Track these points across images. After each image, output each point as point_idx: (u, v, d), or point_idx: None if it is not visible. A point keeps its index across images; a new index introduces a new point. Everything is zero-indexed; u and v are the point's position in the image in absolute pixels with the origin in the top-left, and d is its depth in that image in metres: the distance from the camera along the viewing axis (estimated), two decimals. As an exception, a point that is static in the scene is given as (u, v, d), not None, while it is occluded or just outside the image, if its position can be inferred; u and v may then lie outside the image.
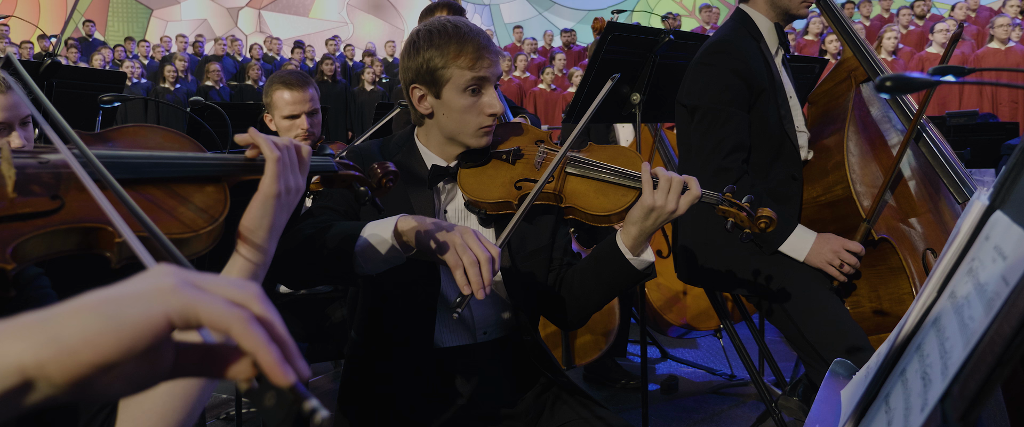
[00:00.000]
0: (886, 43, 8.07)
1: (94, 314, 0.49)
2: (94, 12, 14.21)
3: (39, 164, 0.89)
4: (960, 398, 0.54)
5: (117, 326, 0.48)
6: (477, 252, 1.26)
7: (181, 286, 0.51)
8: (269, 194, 1.00)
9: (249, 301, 0.53)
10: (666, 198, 1.44)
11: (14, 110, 1.69)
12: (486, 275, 1.25)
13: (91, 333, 0.48)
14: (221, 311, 0.51)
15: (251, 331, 0.51)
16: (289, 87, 2.63)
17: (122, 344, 0.48)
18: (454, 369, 1.60)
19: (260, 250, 1.00)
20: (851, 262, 2.01)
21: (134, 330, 0.49)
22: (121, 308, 0.49)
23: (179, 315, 0.50)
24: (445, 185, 1.61)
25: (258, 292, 0.54)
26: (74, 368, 0.47)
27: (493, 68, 1.52)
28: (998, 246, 0.63)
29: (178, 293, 0.51)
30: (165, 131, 1.06)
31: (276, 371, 0.50)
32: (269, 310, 0.54)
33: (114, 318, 0.48)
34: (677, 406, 3.34)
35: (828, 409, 0.93)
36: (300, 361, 0.53)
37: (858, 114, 2.20)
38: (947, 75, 1.05)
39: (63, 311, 0.49)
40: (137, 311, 0.49)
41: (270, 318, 0.53)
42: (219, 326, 0.51)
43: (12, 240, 0.81)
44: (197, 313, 0.51)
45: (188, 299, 0.51)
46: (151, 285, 0.51)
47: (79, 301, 0.50)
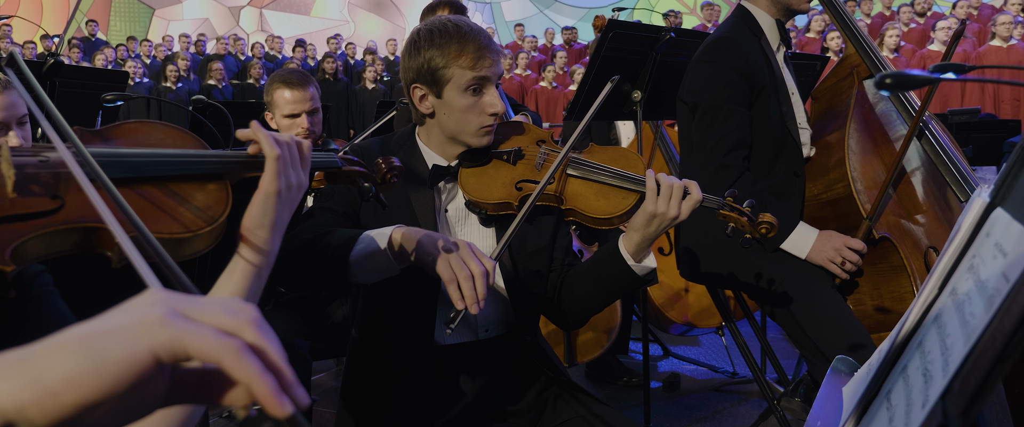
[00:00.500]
0: (888, 41, 8.06)
1: (76, 353, 0.46)
2: (96, 12, 14.22)
3: (39, 163, 0.88)
4: (961, 394, 0.54)
5: (99, 365, 0.46)
6: (471, 266, 1.25)
7: (168, 317, 0.49)
8: (270, 192, 0.99)
9: (242, 328, 0.51)
10: (668, 204, 1.44)
11: (12, 109, 1.69)
12: (480, 290, 1.25)
13: (73, 373, 0.46)
14: (211, 343, 0.48)
15: (244, 362, 0.49)
16: (289, 86, 2.63)
17: (105, 383, 0.46)
18: (455, 367, 1.61)
19: (262, 249, 0.98)
20: (853, 259, 2.01)
21: (118, 368, 0.46)
22: (104, 345, 0.47)
23: (166, 350, 0.48)
24: (446, 185, 1.61)
25: (252, 316, 0.52)
26: (56, 410, 0.45)
27: (494, 68, 1.52)
28: (999, 243, 0.63)
29: (165, 326, 0.48)
30: (167, 127, 1.05)
31: (272, 403, 0.49)
32: (264, 336, 0.51)
33: (96, 357, 0.46)
34: (679, 404, 3.34)
35: (830, 406, 0.94)
36: (298, 389, 0.51)
37: (860, 111, 2.20)
38: (948, 73, 1.05)
39: (43, 349, 0.47)
40: (121, 348, 0.47)
41: (264, 345, 0.51)
42: (209, 359, 0.49)
43: (12, 241, 0.80)
44: (185, 346, 0.48)
45: (175, 332, 0.48)
46: (137, 318, 0.49)
47: (60, 338, 0.48)
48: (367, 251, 1.33)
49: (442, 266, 1.27)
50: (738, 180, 2.05)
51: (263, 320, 0.52)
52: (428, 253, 1.29)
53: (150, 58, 11.67)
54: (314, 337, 2.61)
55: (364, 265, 1.34)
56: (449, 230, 1.60)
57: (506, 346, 1.64)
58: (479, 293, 1.25)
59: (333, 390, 3.60)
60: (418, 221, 1.55)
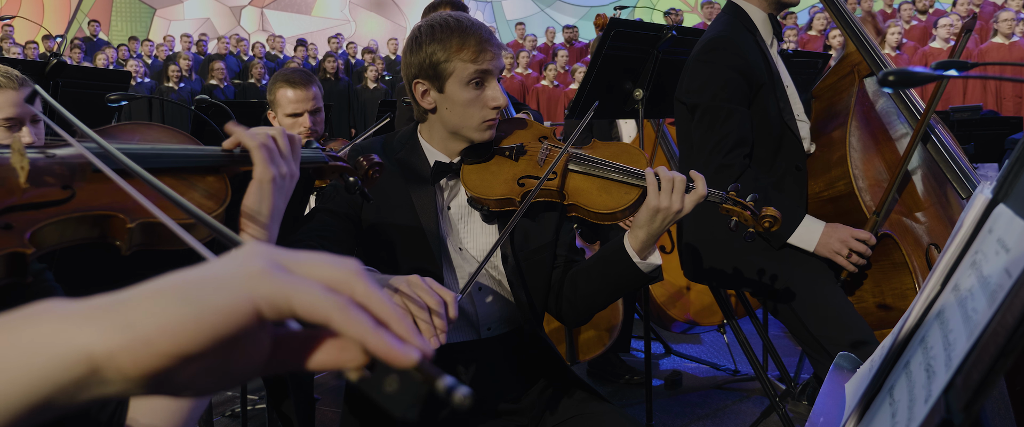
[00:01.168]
0: (889, 38, 8.05)
1: (174, 299, 0.43)
2: (98, 12, 14.24)
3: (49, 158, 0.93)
4: (963, 389, 0.54)
5: (198, 313, 0.43)
6: (426, 299, 1.19)
7: (272, 270, 0.45)
8: (264, 179, 1.04)
9: (349, 282, 0.47)
10: (671, 198, 1.44)
11: (24, 107, 1.72)
12: (437, 323, 1.19)
13: (169, 320, 0.42)
14: (317, 299, 0.45)
15: (354, 319, 0.45)
16: (292, 85, 2.64)
17: (203, 334, 0.43)
18: (459, 365, 1.61)
19: (263, 235, 1.04)
20: (860, 250, 2.00)
21: (217, 318, 0.43)
22: (204, 293, 0.44)
23: (269, 304, 0.45)
24: (448, 182, 1.61)
25: (358, 268, 0.48)
26: (148, 359, 0.42)
27: (495, 61, 1.52)
28: (1001, 239, 0.63)
29: (268, 278, 0.45)
30: (163, 128, 1.11)
31: (394, 354, 0.45)
32: (371, 288, 0.47)
33: (196, 304, 0.43)
34: (681, 401, 3.35)
35: (832, 402, 0.94)
36: (418, 336, 0.47)
37: (861, 109, 2.20)
38: (950, 70, 1.05)
39: (139, 294, 0.44)
40: (222, 297, 0.43)
41: (372, 297, 0.47)
42: (316, 317, 0.45)
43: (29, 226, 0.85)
44: (289, 302, 0.45)
45: (279, 286, 0.45)
46: (238, 269, 0.45)
47: (158, 283, 0.44)
48: None
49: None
50: (739, 178, 2.05)
51: (367, 272, 0.49)
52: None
53: (151, 58, 11.68)
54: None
55: None
56: (451, 227, 1.61)
57: (509, 344, 1.65)
58: (437, 326, 1.19)
59: (336, 389, 3.60)
60: (420, 219, 1.55)
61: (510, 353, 1.65)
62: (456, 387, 0.43)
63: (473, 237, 1.62)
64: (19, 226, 0.85)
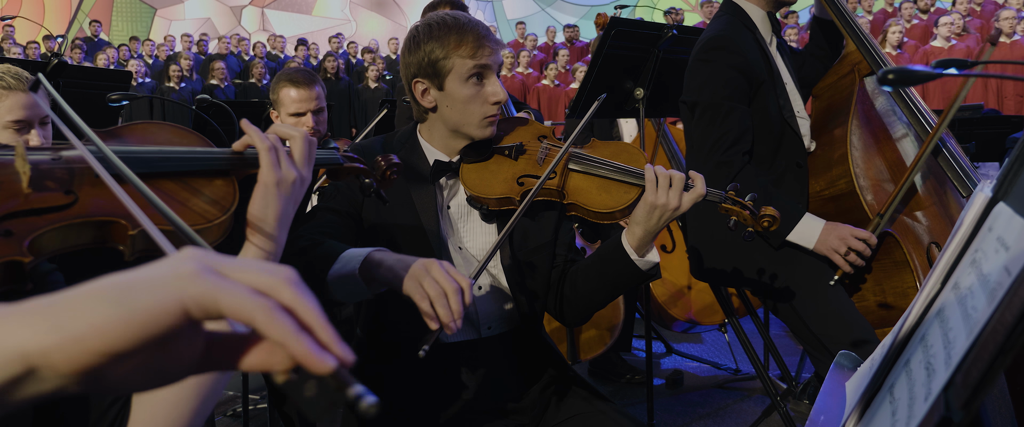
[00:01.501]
0: (890, 37, 8.05)
1: (103, 300, 0.45)
2: (98, 12, 14.25)
3: (53, 160, 0.92)
4: (963, 387, 0.54)
5: (127, 313, 0.45)
6: (443, 284, 1.19)
7: (202, 272, 0.47)
8: (268, 182, 1.01)
9: (277, 287, 0.49)
10: (668, 195, 1.44)
11: (35, 109, 1.72)
12: (454, 308, 1.19)
13: (99, 320, 0.44)
14: (243, 300, 0.47)
15: (276, 321, 0.47)
16: (296, 85, 2.64)
17: (131, 333, 0.44)
18: (459, 364, 1.61)
19: (269, 239, 1.01)
20: (858, 249, 1.99)
21: (145, 318, 0.45)
22: (133, 294, 0.45)
23: (196, 304, 0.46)
24: (448, 181, 1.61)
25: (289, 276, 0.50)
26: (80, 357, 0.44)
27: (494, 56, 1.52)
28: (1001, 237, 0.64)
29: (198, 280, 0.47)
30: (173, 127, 1.08)
31: (311, 360, 0.46)
32: (300, 294, 0.49)
33: (124, 304, 0.45)
34: (682, 400, 3.35)
35: (833, 401, 0.94)
36: (340, 345, 0.48)
37: (862, 108, 2.21)
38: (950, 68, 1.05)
39: (71, 296, 0.46)
40: (150, 298, 0.45)
41: (299, 303, 0.49)
42: (241, 317, 0.47)
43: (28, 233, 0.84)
44: (216, 302, 0.46)
45: (207, 287, 0.46)
46: (169, 271, 0.47)
47: (90, 286, 0.46)
48: (341, 273, 1.31)
49: (411, 286, 1.21)
50: (738, 175, 2.05)
51: (300, 280, 0.50)
52: (396, 275, 1.24)
53: (152, 58, 11.69)
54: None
55: (338, 286, 1.32)
56: (451, 226, 1.61)
57: (509, 343, 1.65)
58: (454, 311, 1.18)
59: (337, 388, 3.61)
60: (420, 218, 1.55)
61: (511, 352, 1.65)
62: (364, 396, 0.46)
63: (472, 236, 1.62)
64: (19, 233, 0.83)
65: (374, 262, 1.29)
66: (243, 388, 2.80)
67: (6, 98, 1.68)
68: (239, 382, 2.99)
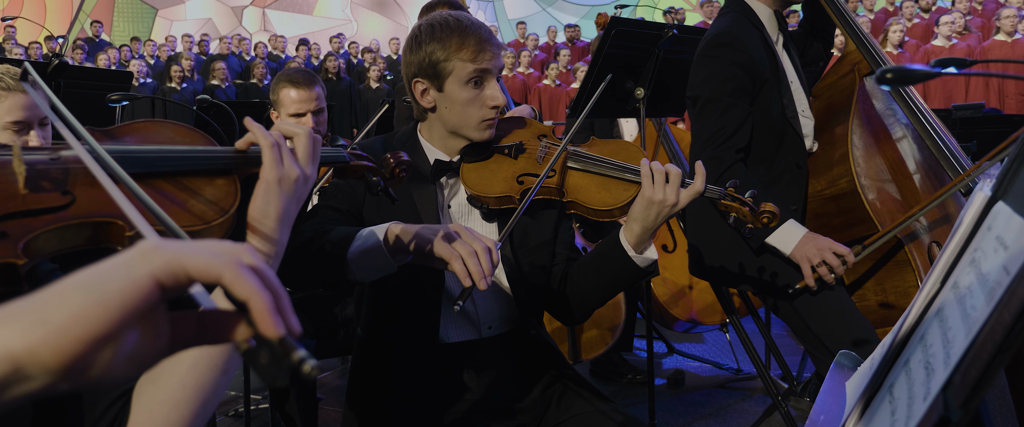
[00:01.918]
0: (891, 36, 8.04)
1: (79, 290, 0.47)
2: (100, 12, 14.26)
3: (49, 161, 0.90)
4: (962, 386, 0.54)
5: (103, 296, 0.47)
6: (472, 243, 1.23)
7: (164, 245, 0.50)
8: (269, 180, 1.00)
9: (238, 252, 0.52)
10: (665, 191, 1.44)
11: (34, 109, 1.73)
12: (485, 265, 1.22)
13: (78, 308, 0.46)
14: (209, 259, 0.50)
15: (243, 276, 0.50)
16: (295, 85, 2.64)
17: (111, 313, 0.47)
18: (460, 364, 1.61)
19: (270, 238, 0.99)
20: (832, 263, 1.93)
21: (122, 297, 0.47)
22: (106, 279, 0.48)
23: (165, 271, 0.49)
24: (448, 180, 1.61)
25: (247, 247, 0.53)
26: (66, 347, 0.45)
27: (495, 61, 1.52)
28: (1000, 236, 0.64)
29: (162, 251, 0.50)
30: (175, 126, 1.07)
31: (267, 320, 0.49)
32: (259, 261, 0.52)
33: (99, 290, 0.47)
34: (683, 400, 3.35)
35: (833, 400, 0.94)
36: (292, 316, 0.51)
37: (862, 107, 2.20)
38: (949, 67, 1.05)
39: (48, 293, 0.48)
40: (121, 277, 0.48)
41: (260, 266, 0.52)
42: (209, 274, 0.49)
43: (24, 235, 0.83)
44: (183, 266, 0.49)
45: (172, 254, 0.49)
46: (133, 252, 0.50)
47: (63, 282, 0.48)
48: (364, 247, 1.32)
49: (442, 248, 1.25)
50: (727, 171, 2.04)
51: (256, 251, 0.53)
52: (426, 239, 1.27)
53: (153, 59, 11.71)
54: (319, 336, 2.62)
55: (362, 262, 1.33)
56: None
57: (510, 343, 1.65)
58: (485, 268, 1.22)
59: (338, 389, 3.61)
60: (421, 217, 1.56)
61: (511, 352, 1.65)
62: (306, 359, 0.50)
63: None
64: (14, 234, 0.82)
65: (402, 230, 1.31)
66: (245, 388, 2.80)
67: (5, 99, 1.68)
68: (241, 382, 3.00)
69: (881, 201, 2.13)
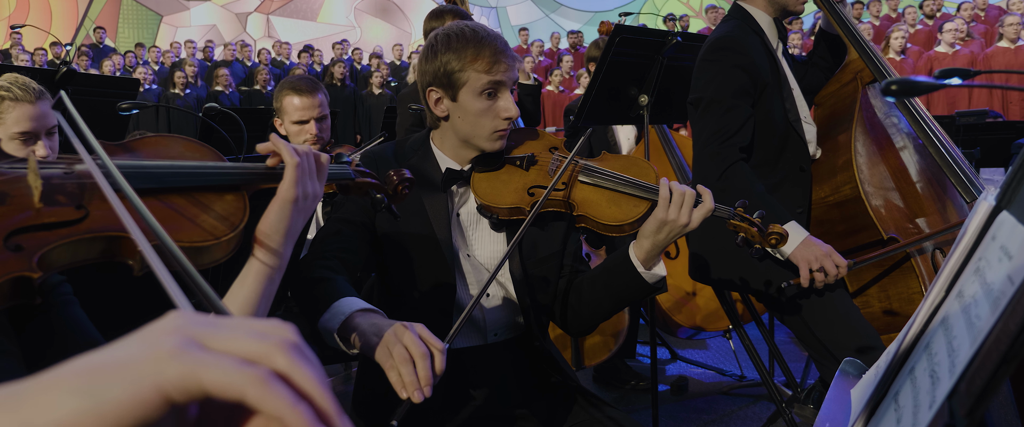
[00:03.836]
0: (894, 43, 8.05)
1: (72, 392, 0.40)
2: (105, 19, 14.33)
3: (64, 175, 0.91)
4: (966, 395, 0.55)
5: (97, 405, 0.39)
6: (412, 349, 1.15)
7: (182, 348, 0.42)
8: (287, 199, 1.01)
9: (270, 354, 0.43)
10: (680, 212, 1.45)
11: (42, 120, 1.74)
12: (423, 374, 1.13)
13: (66, 416, 0.39)
14: (230, 375, 0.41)
15: (270, 394, 0.41)
16: (299, 93, 2.65)
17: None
18: (465, 370, 1.62)
19: (276, 254, 1.00)
20: (829, 270, 1.91)
21: (119, 410, 0.39)
22: (105, 384, 0.40)
23: (177, 387, 0.41)
24: (458, 189, 1.62)
25: (284, 337, 0.44)
26: None
27: (509, 73, 1.53)
28: (1004, 246, 0.64)
29: (177, 359, 0.41)
30: (185, 140, 1.08)
31: None
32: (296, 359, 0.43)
33: (95, 396, 0.39)
34: (687, 407, 3.35)
35: (838, 408, 0.94)
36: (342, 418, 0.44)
37: (865, 115, 2.21)
38: (953, 77, 1.06)
39: (36, 386, 0.41)
40: (124, 388, 0.40)
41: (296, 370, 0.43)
42: (229, 394, 0.41)
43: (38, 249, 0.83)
44: (200, 381, 0.41)
45: (189, 366, 0.41)
46: (146, 351, 0.42)
47: (58, 373, 0.41)
48: (326, 327, 1.31)
49: (380, 354, 1.17)
50: (729, 169, 2.04)
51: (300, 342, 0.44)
52: (368, 343, 1.21)
53: (158, 65, 11.75)
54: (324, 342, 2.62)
55: (325, 335, 1.32)
56: (461, 233, 1.62)
57: (515, 350, 1.65)
58: (422, 377, 1.13)
59: (342, 395, 3.61)
60: (432, 225, 1.56)
61: (516, 359, 1.65)
62: None
63: (482, 245, 1.63)
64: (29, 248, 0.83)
65: (351, 326, 1.26)
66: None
67: (13, 109, 1.69)
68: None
69: (885, 208, 2.13)
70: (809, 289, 2.08)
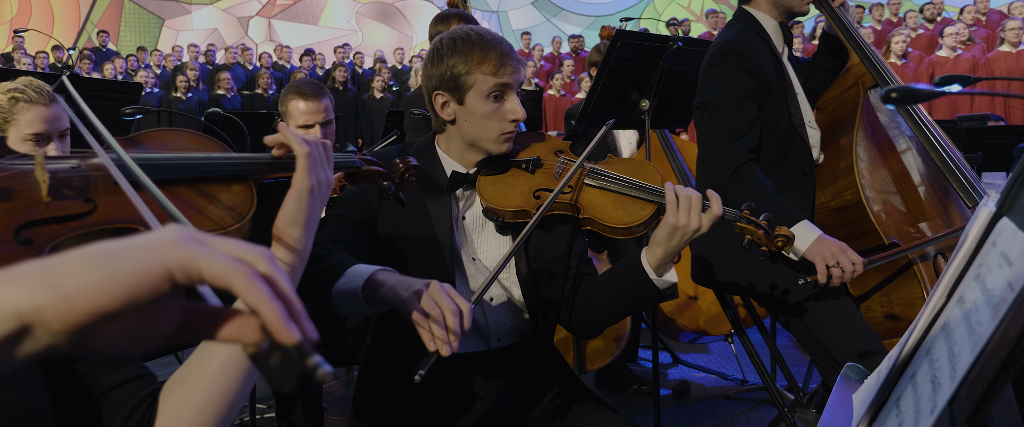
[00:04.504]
0: (895, 47, 8.05)
1: (94, 263, 0.48)
2: (107, 22, 14.36)
3: (71, 169, 0.93)
4: (967, 401, 0.55)
5: (114, 275, 0.48)
6: (442, 305, 1.19)
7: (185, 240, 0.51)
8: (303, 189, 1.01)
9: (255, 259, 0.53)
10: (689, 216, 1.45)
11: (54, 122, 1.76)
12: (453, 329, 1.18)
13: (89, 281, 0.47)
14: (223, 265, 0.50)
15: (254, 285, 0.50)
16: (304, 97, 2.66)
17: (119, 294, 0.48)
18: (468, 375, 1.62)
19: (297, 246, 1.00)
20: (845, 267, 1.90)
21: (132, 280, 0.48)
22: (121, 258, 0.49)
23: (179, 268, 0.50)
24: (464, 192, 1.63)
25: (266, 254, 0.53)
26: (71, 316, 0.47)
27: (515, 75, 1.54)
28: (1004, 252, 0.64)
29: (181, 246, 0.50)
30: (190, 134, 1.09)
31: (280, 328, 0.50)
32: (275, 270, 0.53)
33: (112, 267, 0.48)
34: (689, 411, 3.35)
35: (840, 413, 0.95)
36: (306, 322, 0.52)
37: (866, 120, 2.21)
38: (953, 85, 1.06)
39: (63, 259, 0.49)
40: (136, 262, 0.49)
41: (275, 276, 0.52)
42: (220, 280, 0.50)
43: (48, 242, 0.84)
44: (197, 266, 0.50)
45: (190, 252, 0.50)
46: (154, 239, 0.51)
47: (80, 250, 0.49)
48: (346, 288, 1.32)
49: (414, 308, 1.21)
50: (739, 169, 2.04)
51: (275, 259, 0.53)
52: (397, 296, 1.24)
53: (160, 68, 11.78)
54: (326, 345, 2.63)
55: (342, 300, 1.33)
56: (466, 237, 1.62)
57: (519, 354, 1.66)
58: (452, 332, 1.18)
59: (344, 398, 3.61)
60: (435, 229, 1.57)
61: (520, 364, 1.66)
62: (321, 365, 0.50)
63: (487, 247, 1.63)
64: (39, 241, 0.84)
65: (377, 282, 1.29)
66: (250, 397, 2.81)
67: (27, 111, 1.71)
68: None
69: (886, 213, 2.13)
70: (810, 293, 2.08)
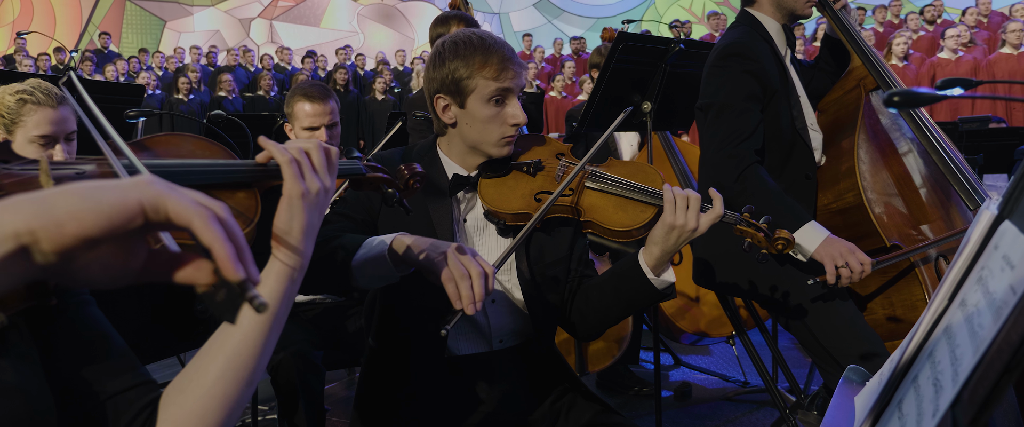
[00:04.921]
0: (896, 49, 8.05)
1: (79, 195, 0.58)
2: (108, 24, 14.38)
3: (76, 175, 0.92)
4: (970, 404, 0.55)
5: (97, 205, 0.57)
6: (469, 266, 1.25)
7: (156, 182, 0.61)
8: (292, 195, 1.01)
9: (215, 206, 0.62)
10: (686, 216, 1.46)
11: (62, 124, 1.77)
12: (478, 290, 1.24)
13: (75, 209, 0.57)
14: (186, 206, 0.60)
15: (211, 226, 0.60)
16: (310, 99, 2.66)
17: (100, 222, 0.57)
18: (470, 376, 1.62)
19: (295, 251, 1.00)
20: (854, 267, 1.90)
21: (111, 211, 0.58)
22: (102, 192, 0.58)
23: (150, 204, 0.59)
24: (465, 195, 1.63)
25: (225, 206, 0.63)
26: (60, 238, 0.56)
27: (517, 79, 1.54)
28: (1006, 256, 0.64)
29: (152, 187, 0.60)
30: (196, 139, 1.10)
31: (228, 265, 0.59)
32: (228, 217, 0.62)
33: (95, 199, 0.58)
34: (690, 413, 3.35)
35: (842, 415, 0.95)
36: (252, 265, 0.61)
37: (868, 122, 2.22)
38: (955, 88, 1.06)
39: (53, 192, 0.58)
40: (115, 196, 0.58)
41: (229, 220, 0.62)
42: (182, 218, 0.60)
43: None
44: (165, 204, 0.60)
45: (159, 192, 0.60)
46: (132, 180, 0.61)
47: (66, 185, 0.59)
48: (369, 256, 1.35)
49: (443, 267, 1.27)
50: (745, 171, 2.04)
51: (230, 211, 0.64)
52: (427, 256, 1.30)
53: (162, 70, 11.79)
54: (327, 347, 2.63)
55: (366, 270, 1.36)
56: (467, 240, 1.62)
57: (521, 356, 1.66)
58: (477, 293, 1.24)
59: (345, 399, 3.62)
60: (435, 231, 1.57)
61: (521, 366, 1.66)
62: (258, 297, 0.59)
63: (488, 250, 1.63)
64: None
65: (406, 242, 1.34)
66: (252, 398, 2.81)
67: (34, 113, 1.72)
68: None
69: (888, 215, 2.13)
70: (816, 294, 2.08)
